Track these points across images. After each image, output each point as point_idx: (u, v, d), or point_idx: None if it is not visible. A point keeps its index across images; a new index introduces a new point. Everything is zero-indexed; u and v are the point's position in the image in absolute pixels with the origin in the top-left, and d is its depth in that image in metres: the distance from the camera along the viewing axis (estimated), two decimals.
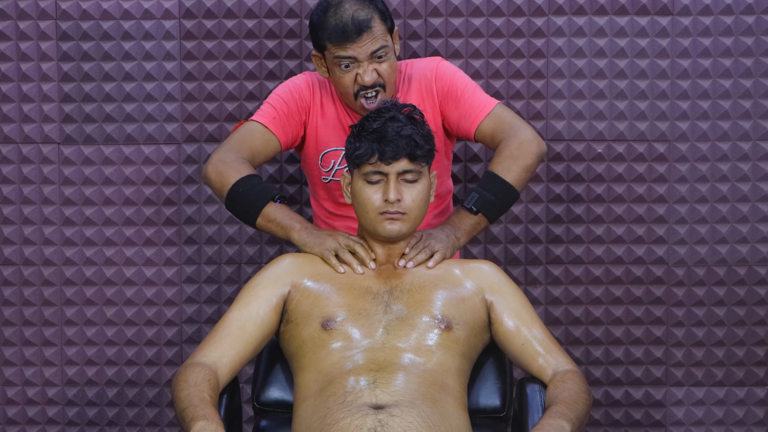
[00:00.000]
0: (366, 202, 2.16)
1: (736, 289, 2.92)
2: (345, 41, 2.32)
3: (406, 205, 2.15)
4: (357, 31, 2.31)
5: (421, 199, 2.18)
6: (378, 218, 2.16)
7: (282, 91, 2.48)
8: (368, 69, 2.35)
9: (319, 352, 2.09)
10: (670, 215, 2.91)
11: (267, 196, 2.33)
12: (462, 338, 2.13)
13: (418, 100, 2.48)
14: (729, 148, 2.89)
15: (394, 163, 2.13)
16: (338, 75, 2.37)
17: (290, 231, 2.30)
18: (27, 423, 2.98)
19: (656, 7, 2.85)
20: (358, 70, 2.35)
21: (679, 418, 2.96)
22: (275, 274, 2.21)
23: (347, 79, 2.36)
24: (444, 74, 2.49)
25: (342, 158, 2.45)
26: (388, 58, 2.37)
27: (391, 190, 2.13)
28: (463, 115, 2.46)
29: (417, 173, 2.16)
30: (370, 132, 2.15)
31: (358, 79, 2.35)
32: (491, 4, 2.86)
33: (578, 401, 2.01)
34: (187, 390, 1.97)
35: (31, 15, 2.86)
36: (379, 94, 2.38)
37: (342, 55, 2.33)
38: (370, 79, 2.35)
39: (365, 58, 2.33)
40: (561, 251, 2.93)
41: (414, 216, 2.18)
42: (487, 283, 2.21)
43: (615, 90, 2.88)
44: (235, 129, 2.47)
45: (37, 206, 2.92)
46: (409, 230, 2.19)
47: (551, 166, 2.90)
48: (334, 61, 2.35)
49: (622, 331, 2.95)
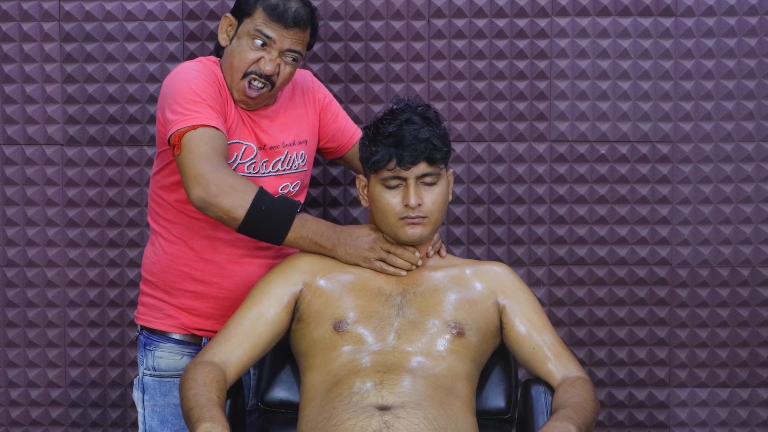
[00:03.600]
0: (386, 207, 2.15)
1: (739, 290, 2.92)
2: (278, 21, 2.26)
3: (426, 209, 2.14)
4: (293, 22, 2.27)
5: (441, 201, 2.17)
6: (399, 223, 2.15)
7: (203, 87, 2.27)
8: (275, 59, 2.29)
9: (330, 353, 2.08)
10: (674, 216, 2.91)
11: (293, 209, 2.21)
12: (474, 344, 2.13)
13: (301, 103, 2.47)
14: (732, 149, 2.89)
15: (412, 167, 2.11)
16: (243, 48, 2.28)
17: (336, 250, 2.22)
18: (31, 424, 2.98)
19: (659, 8, 2.85)
20: (265, 55, 2.28)
21: (683, 419, 2.96)
22: (287, 272, 2.20)
23: (250, 56, 2.28)
24: (321, 87, 2.55)
25: (243, 152, 2.35)
26: (293, 66, 2.33)
27: (411, 195, 2.11)
28: (341, 129, 2.54)
29: (436, 176, 2.14)
30: (386, 136, 2.12)
31: (261, 62, 2.29)
32: (494, 5, 2.86)
33: (586, 407, 2.00)
34: (195, 389, 1.97)
35: (35, 16, 2.86)
36: (265, 89, 2.31)
37: (264, 31, 2.26)
38: (271, 68, 2.28)
39: (279, 49, 2.28)
40: (564, 252, 2.93)
41: (434, 219, 2.17)
42: (499, 286, 2.20)
43: (618, 91, 2.88)
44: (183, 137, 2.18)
45: (41, 207, 2.92)
46: (430, 234, 2.19)
47: (554, 167, 2.90)
48: (252, 32, 2.27)
49: (625, 332, 2.94)
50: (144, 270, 2.46)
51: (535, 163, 2.90)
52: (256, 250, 2.39)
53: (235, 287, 2.37)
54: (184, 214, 2.37)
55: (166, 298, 2.41)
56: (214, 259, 2.37)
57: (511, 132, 2.89)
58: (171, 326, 2.40)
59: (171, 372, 2.40)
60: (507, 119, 2.89)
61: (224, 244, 2.37)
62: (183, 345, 2.41)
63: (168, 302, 2.41)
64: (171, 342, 2.40)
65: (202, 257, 2.37)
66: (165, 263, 2.40)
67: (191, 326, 2.40)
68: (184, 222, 2.37)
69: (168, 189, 2.38)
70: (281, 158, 2.41)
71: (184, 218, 2.37)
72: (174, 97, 2.24)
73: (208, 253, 2.37)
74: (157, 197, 2.41)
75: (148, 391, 2.40)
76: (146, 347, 2.41)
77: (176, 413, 2.39)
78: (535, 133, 2.89)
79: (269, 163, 2.40)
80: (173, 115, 2.22)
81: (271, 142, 2.40)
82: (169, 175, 2.36)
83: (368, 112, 2.89)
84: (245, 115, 2.37)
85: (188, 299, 2.39)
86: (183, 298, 2.39)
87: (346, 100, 2.89)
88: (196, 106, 2.22)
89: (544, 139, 2.90)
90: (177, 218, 2.38)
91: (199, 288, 2.38)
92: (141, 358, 2.43)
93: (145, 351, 2.42)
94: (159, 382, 2.40)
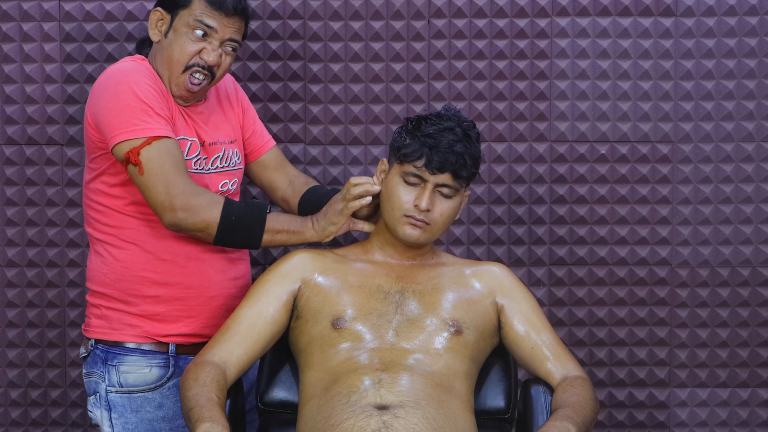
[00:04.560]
0: (396, 200, 2.16)
1: (739, 290, 2.92)
2: (219, 9, 2.22)
3: (432, 217, 2.15)
4: (234, 10, 2.24)
5: (449, 216, 2.18)
6: (402, 219, 2.16)
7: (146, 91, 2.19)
8: (217, 50, 2.25)
9: (328, 351, 2.09)
10: (674, 216, 2.91)
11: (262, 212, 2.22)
12: (471, 342, 2.13)
13: (227, 103, 2.46)
14: (732, 149, 2.89)
15: (438, 174, 2.12)
16: (183, 41, 2.23)
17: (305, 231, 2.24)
18: (30, 425, 2.98)
19: (660, 8, 2.85)
20: (207, 46, 2.24)
21: (683, 419, 2.96)
22: (286, 270, 2.20)
23: (191, 48, 2.23)
24: (241, 89, 2.54)
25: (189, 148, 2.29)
26: (232, 57, 2.30)
27: (424, 199, 2.13)
28: (257, 133, 2.53)
29: (454, 190, 2.16)
30: (424, 135, 2.13)
31: (202, 53, 2.24)
32: (494, 5, 2.86)
33: (585, 407, 2.00)
34: (195, 389, 1.97)
35: (35, 16, 2.86)
36: (205, 81, 2.28)
37: (205, 21, 2.22)
38: (214, 59, 2.24)
39: (220, 39, 2.25)
40: (564, 252, 2.93)
41: (436, 229, 2.18)
42: (498, 286, 2.21)
43: (618, 91, 2.88)
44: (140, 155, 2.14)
45: (41, 208, 2.92)
46: (427, 240, 2.20)
47: (554, 167, 2.90)
48: (191, 23, 2.23)
49: (625, 332, 2.94)
50: (91, 283, 2.33)
51: (535, 164, 2.90)
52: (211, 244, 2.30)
53: (199, 284, 2.29)
54: (134, 218, 2.28)
55: (124, 308, 2.29)
56: (172, 258, 2.28)
57: (512, 132, 2.89)
58: (133, 336, 2.28)
59: (141, 387, 2.28)
60: (507, 119, 2.89)
61: (182, 241, 2.28)
62: (150, 355, 2.28)
63: (127, 312, 2.29)
64: (136, 354, 2.27)
65: (159, 258, 2.27)
66: (118, 271, 2.28)
67: (156, 333, 2.28)
68: (134, 225, 2.28)
69: (110, 196, 2.28)
70: (219, 155, 2.37)
71: (135, 221, 2.28)
72: (116, 103, 2.17)
73: (165, 253, 2.28)
74: (96, 205, 2.30)
75: (116, 409, 2.27)
76: (106, 362, 2.28)
77: (151, 428, 2.28)
78: (535, 133, 2.89)
79: (209, 160, 2.35)
80: (120, 125, 2.15)
81: (210, 138, 2.35)
82: (108, 180, 2.27)
83: (368, 112, 2.89)
84: (183, 111, 2.32)
85: (150, 305, 2.28)
86: (144, 305, 2.28)
87: (347, 100, 2.89)
88: (144, 116, 2.16)
89: (545, 139, 2.90)
90: (125, 223, 2.28)
91: (161, 291, 2.28)
92: (101, 374, 2.29)
93: (105, 366, 2.28)
94: (128, 399, 2.27)
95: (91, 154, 2.30)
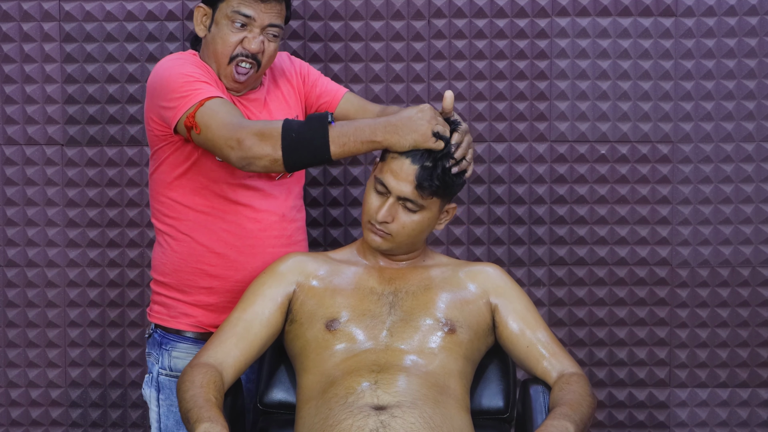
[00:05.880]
0: (365, 205, 2.18)
1: (739, 290, 2.92)
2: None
3: (392, 228, 2.14)
4: None
5: (413, 229, 2.15)
6: (367, 225, 2.18)
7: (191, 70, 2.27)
8: (258, 37, 2.29)
9: (323, 353, 2.09)
10: (674, 216, 2.91)
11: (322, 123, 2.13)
12: (465, 341, 2.13)
13: (283, 82, 2.47)
14: (732, 149, 2.88)
15: (401, 182, 2.10)
16: (225, 32, 2.28)
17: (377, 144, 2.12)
18: (31, 424, 2.98)
19: (660, 8, 2.85)
20: (248, 35, 2.29)
21: (683, 419, 2.96)
22: (281, 272, 2.21)
23: (233, 38, 2.28)
24: (297, 60, 2.55)
25: None
26: (276, 42, 2.33)
27: (383, 210, 2.12)
28: (326, 89, 2.51)
29: (418, 206, 2.13)
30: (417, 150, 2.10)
31: (244, 43, 2.29)
32: (494, 5, 2.86)
33: (582, 403, 2.00)
34: (193, 391, 1.98)
35: (35, 17, 2.87)
36: (252, 70, 2.31)
37: (242, 11, 2.27)
38: (256, 46, 2.28)
39: (260, 26, 2.28)
40: (564, 252, 2.93)
41: (400, 241, 2.17)
42: (491, 286, 2.21)
43: (618, 91, 2.88)
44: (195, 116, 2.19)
45: (41, 208, 2.92)
46: (390, 249, 2.18)
47: (555, 167, 2.90)
48: (230, 15, 2.27)
49: (625, 333, 2.94)
50: (154, 272, 2.45)
51: (535, 164, 2.90)
52: (264, 239, 2.38)
53: (250, 278, 2.35)
54: (189, 210, 2.36)
55: (180, 297, 2.39)
56: (224, 252, 2.36)
57: (512, 132, 2.89)
58: (187, 325, 2.40)
59: None
60: (507, 119, 2.89)
61: (232, 237, 2.36)
62: (201, 344, 2.36)
63: (183, 301, 2.39)
64: (188, 342, 2.39)
65: (212, 251, 2.36)
66: (176, 262, 2.39)
67: (208, 324, 2.39)
68: (189, 218, 2.37)
69: (169, 186, 2.37)
70: None
71: (190, 213, 2.36)
72: (166, 89, 2.25)
73: (217, 246, 2.36)
74: (159, 196, 2.41)
75: (164, 390, 2.39)
76: (162, 346, 2.40)
77: None
78: (535, 134, 2.89)
79: None
80: (172, 103, 2.22)
81: None
82: (168, 171, 2.36)
83: None
84: (237, 100, 2.37)
85: (203, 296, 2.38)
86: (198, 295, 2.38)
87: None
88: (192, 86, 2.22)
89: (545, 139, 2.90)
90: (182, 214, 2.37)
91: (213, 283, 2.37)
92: (156, 356, 2.41)
93: (161, 350, 2.40)
94: (175, 383, 2.37)
95: (152, 148, 2.39)
